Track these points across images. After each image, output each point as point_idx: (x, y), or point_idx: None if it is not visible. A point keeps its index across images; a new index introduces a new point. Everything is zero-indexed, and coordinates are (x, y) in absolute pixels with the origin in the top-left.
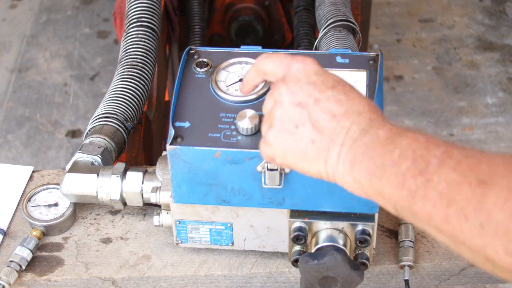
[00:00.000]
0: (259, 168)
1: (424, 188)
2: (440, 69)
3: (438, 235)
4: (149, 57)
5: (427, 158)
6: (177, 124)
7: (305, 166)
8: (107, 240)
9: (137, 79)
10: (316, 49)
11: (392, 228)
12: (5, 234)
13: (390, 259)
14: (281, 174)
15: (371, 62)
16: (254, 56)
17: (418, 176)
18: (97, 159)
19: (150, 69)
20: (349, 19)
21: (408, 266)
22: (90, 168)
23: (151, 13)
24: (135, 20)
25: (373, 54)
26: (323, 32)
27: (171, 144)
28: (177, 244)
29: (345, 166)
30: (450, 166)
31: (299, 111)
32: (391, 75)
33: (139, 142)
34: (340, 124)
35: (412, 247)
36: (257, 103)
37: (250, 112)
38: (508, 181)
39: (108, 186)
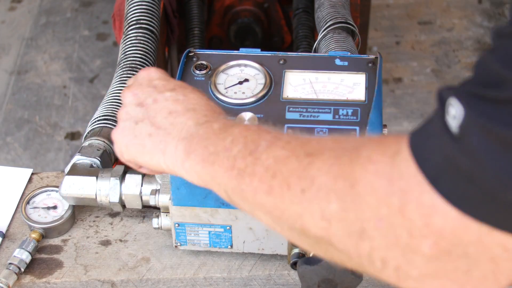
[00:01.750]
0: None
1: (253, 165)
2: (439, 71)
3: (262, 214)
4: (148, 59)
5: (257, 141)
6: None
7: (146, 159)
8: (106, 243)
9: None
10: (315, 51)
11: None
12: (4, 236)
13: None
14: None
15: (370, 64)
16: (253, 58)
17: (248, 156)
18: (96, 161)
19: None
20: (348, 21)
21: None
22: (89, 171)
23: (150, 16)
24: (134, 22)
25: (372, 56)
26: (322, 34)
27: None
28: (176, 246)
29: (181, 156)
30: (279, 145)
31: (139, 110)
32: (390, 77)
33: None
34: (176, 119)
35: None
36: (256, 106)
37: (249, 115)
38: (336, 151)
39: (107, 188)
